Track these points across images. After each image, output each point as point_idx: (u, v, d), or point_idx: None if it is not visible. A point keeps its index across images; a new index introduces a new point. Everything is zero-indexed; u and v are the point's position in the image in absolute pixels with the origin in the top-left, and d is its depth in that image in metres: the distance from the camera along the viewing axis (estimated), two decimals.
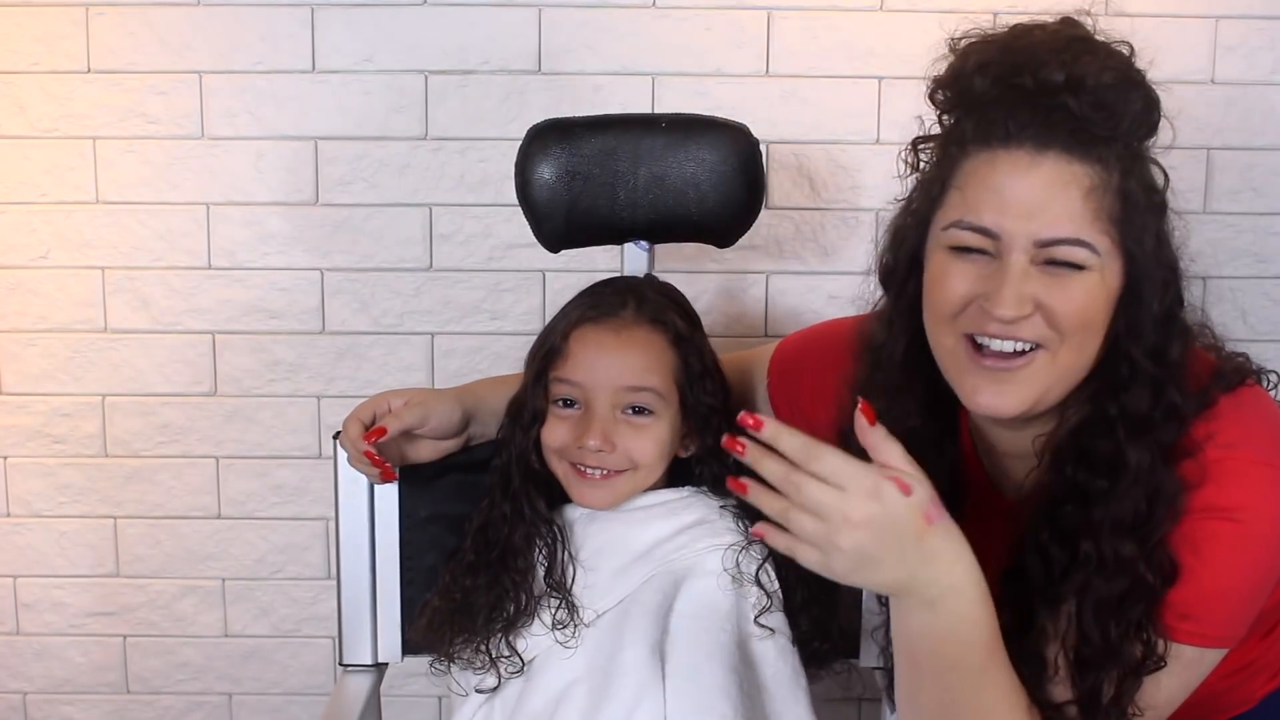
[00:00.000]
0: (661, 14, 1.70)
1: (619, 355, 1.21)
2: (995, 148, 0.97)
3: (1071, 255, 0.96)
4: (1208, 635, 1.00)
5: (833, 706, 1.29)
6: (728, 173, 1.32)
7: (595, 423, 1.19)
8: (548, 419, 1.23)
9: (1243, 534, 0.97)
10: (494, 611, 1.22)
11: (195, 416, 1.80)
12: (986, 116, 0.98)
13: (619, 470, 1.22)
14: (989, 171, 0.97)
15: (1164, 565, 0.98)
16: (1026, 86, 0.96)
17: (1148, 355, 0.99)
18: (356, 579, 1.37)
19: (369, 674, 1.38)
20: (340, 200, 1.75)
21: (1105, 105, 0.96)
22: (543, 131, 1.33)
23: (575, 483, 1.23)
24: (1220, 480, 0.98)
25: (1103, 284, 0.98)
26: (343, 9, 1.70)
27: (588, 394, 1.20)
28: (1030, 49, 0.97)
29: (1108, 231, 0.97)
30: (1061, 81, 0.95)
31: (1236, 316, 1.78)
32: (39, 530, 1.84)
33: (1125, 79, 0.98)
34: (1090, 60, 0.96)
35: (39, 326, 1.78)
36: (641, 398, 1.21)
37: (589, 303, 1.25)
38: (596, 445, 1.19)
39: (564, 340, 1.22)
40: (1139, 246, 0.98)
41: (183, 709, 1.90)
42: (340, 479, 1.35)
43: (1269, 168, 1.75)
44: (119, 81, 1.72)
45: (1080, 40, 0.99)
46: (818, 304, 1.78)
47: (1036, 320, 0.97)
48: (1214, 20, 1.71)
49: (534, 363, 1.25)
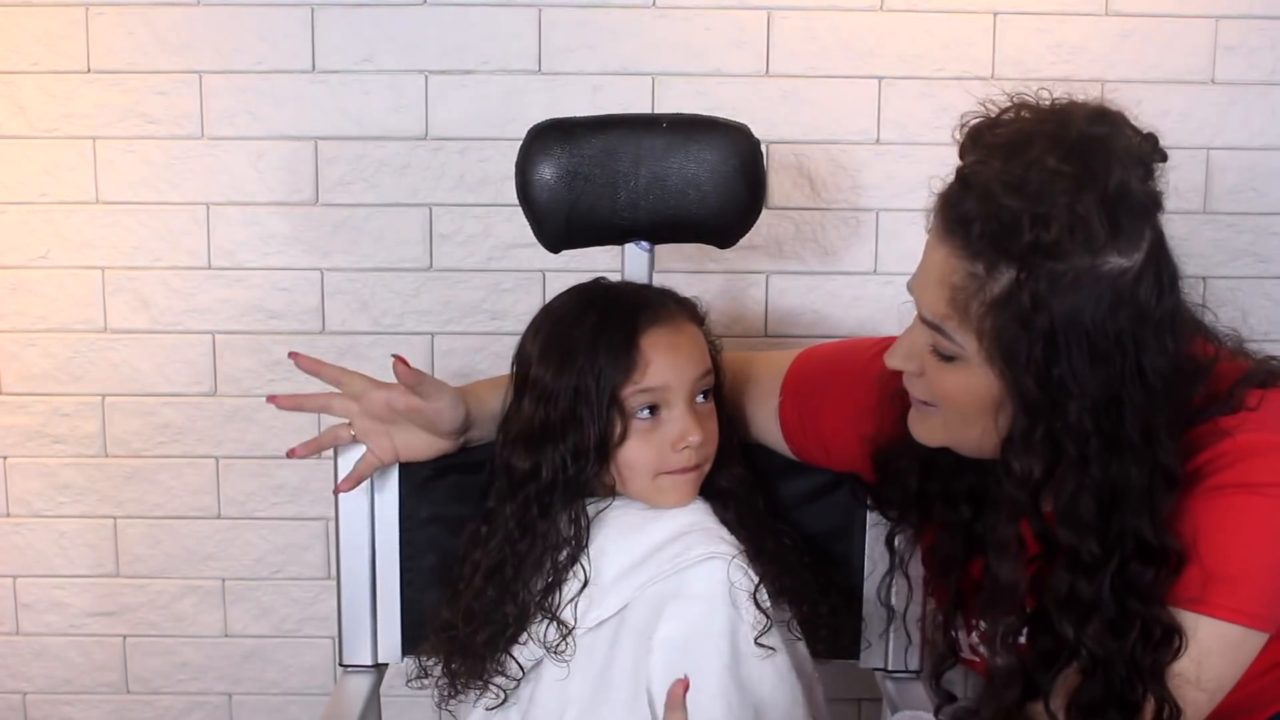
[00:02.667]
0: (661, 14, 1.70)
1: (689, 348, 1.21)
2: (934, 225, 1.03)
3: (935, 339, 1.02)
4: (1242, 611, 0.99)
5: (833, 706, 1.29)
6: (728, 173, 1.32)
7: (691, 418, 1.19)
8: (629, 441, 1.18)
9: (1273, 509, 0.98)
10: (497, 639, 1.21)
11: (195, 416, 1.80)
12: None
13: (703, 463, 1.22)
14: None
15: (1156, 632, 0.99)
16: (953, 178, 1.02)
17: (1082, 526, 0.99)
18: (356, 579, 1.37)
19: (369, 674, 1.38)
20: (340, 200, 1.75)
21: (992, 214, 0.95)
22: (543, 132, 1.33)
23: (669, 487, 1.20)
24: (1249, 460, 0.99)
25: (980, 380, 1.00)
26: (343, 9, 1.70)
27: (669, 395, 1.19)
28: (971, 136, 1.02)
29: (975, 335, 0.99)
30: (962, 181, 0.99)
31: (1236, 316, 1.76)
32: (39, 530, 1.84)
33: (1017, 190, 0.95)
34: (990, 167, 0.96)
35: (39, 326, 1.78)
36: (708, 381, 1.22)
37: (632, 313, 1.20)
38: (699, 439, 1.18)
39: (636, 351, 1.17)
40: (1017, 371, 0.97)
41: (183, 709, 1.90)
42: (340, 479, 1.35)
43: (1269, 168, 1.75)
44: (119, 81, 1.71)
45: (1015, 143, 0.97)
46: (818, 304, 1.78)
47: (922, 384, 1.05)
48: (1214, 20, 1.71)
49: (590, 387, 1.17)
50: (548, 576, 1.20)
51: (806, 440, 1.30)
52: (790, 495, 1.36)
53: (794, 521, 1.33)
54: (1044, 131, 0.96)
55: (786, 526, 1.30)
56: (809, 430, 1.30)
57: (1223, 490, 0.99)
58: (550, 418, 1.19)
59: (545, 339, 1.22)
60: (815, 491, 1.36)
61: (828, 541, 1.36)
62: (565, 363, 1.19)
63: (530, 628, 1.20)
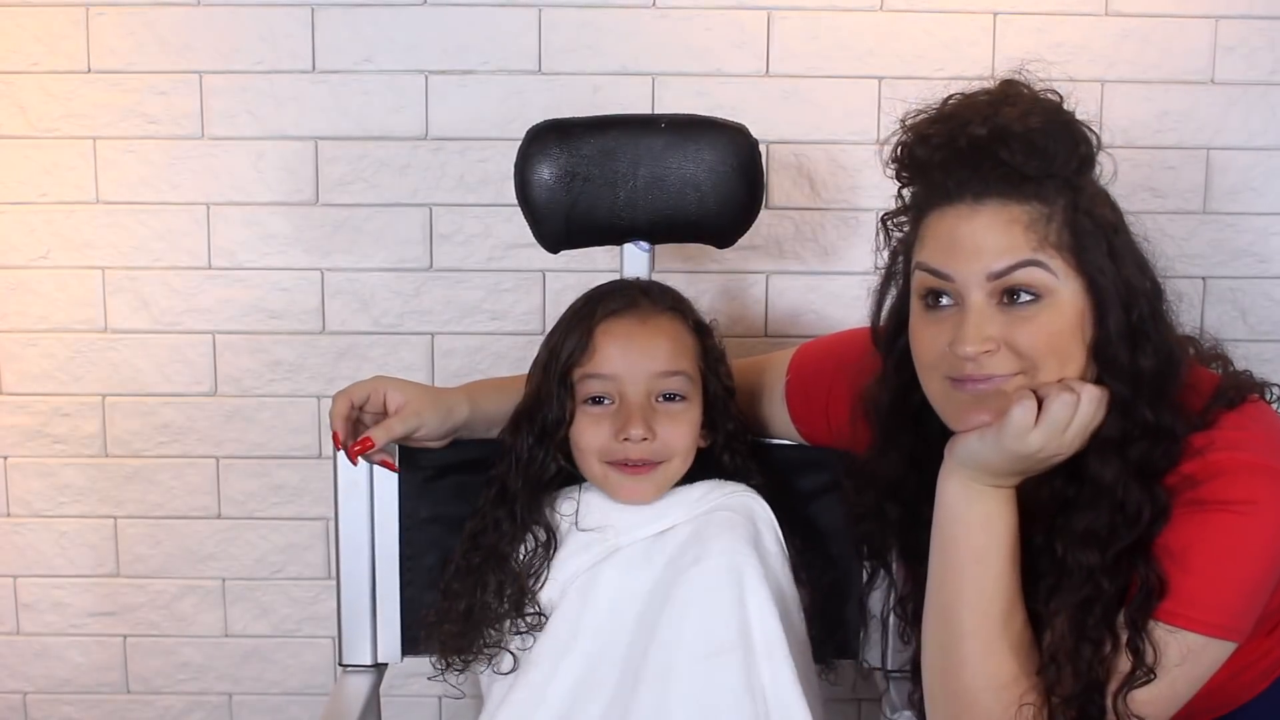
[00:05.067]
0: (661, 14, 1.70)
1: (649, 342, 1.21)
2: (943, 205, 1.05)
3: (1027, 278, 1.02)
4: (1208, 623, 1.01)
5: (833, 706, 1.29)
6: (727, 173, 1.32)
7: (635, 412, 1.19)
8: (577, 422, 1.22)
9: (1242, 525, 1.00)
10: (480, 605, 1.23)
11: (195, 416, 1.80)
12: (932, 180, 1.07)
13: (658, 461, 1.22)
14: (939, 224, 1.06)
15: (1141, 571, 1.02)
16: (960, 146, 1.04)
17: (1115, 374, 1.03)
18: (356, 579, 1.37)
19: (369, 674, 1.38)
20: (340, 200, 1.75)
21: (1034, 149, 1.02)
22: (542, 132, 1.33)
23: (618, 480, 1.22)
24: (1223, 478, 1.01)
25: (1066, 308, 1.03)
26: (343, 9, 1.70)
27: (621, 386, 1.20)
28: (958, 112, 1.06)
29: (1058, 256, 1.02)
30: (987, 134, 1.03)
31: (1236, 316, 1.78)
32: (39, 530, 1.84)
33: (1051, 121, 1.04)
34: (1011, 110, 1.03)
35: (39, 326, 1.78)
36: (673, 383, 1.22)
37: (603, 300, 1.24)
38: (641, 433, 1.19)
39: (589, 337, 1.21)
40: (1095, 268, 1.03)
41: (183, 709, 1.90)
42: (340, 479, 1.36)
43: (1269, 168, 1.75)
44: (119, 81, 1.72)
45: (1006, 96, 1.06)
46: (818, 304, 1.78)
47: (1005, 355, 1.03)
48: (1214, 20, 1.71)
49: (550, 368, 1.23)
50: (526, 548, 1.23)
51: (811, 417, 1.32)
52: (790, 495, 1.36)
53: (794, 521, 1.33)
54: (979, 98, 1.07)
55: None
56: (811, 405, 1.31)
57: (1194, 507, 1.02)
58: (530, 392, 1.26)
59: (556, 322, 1.28)
60: (815, 491, 1.36)
61: (828, 541, 1.35)
62: (546, 344, 1.26)
63: (520, 601, 1.22)
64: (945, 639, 1.08)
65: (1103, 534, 1.03)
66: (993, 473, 1.04)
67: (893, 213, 1.14)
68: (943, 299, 1.05)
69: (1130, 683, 1.02)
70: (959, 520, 1.06)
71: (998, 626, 1.05)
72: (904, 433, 1.16)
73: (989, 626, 1.05)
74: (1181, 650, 1.01)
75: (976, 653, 1.05)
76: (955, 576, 1.07)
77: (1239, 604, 1.02)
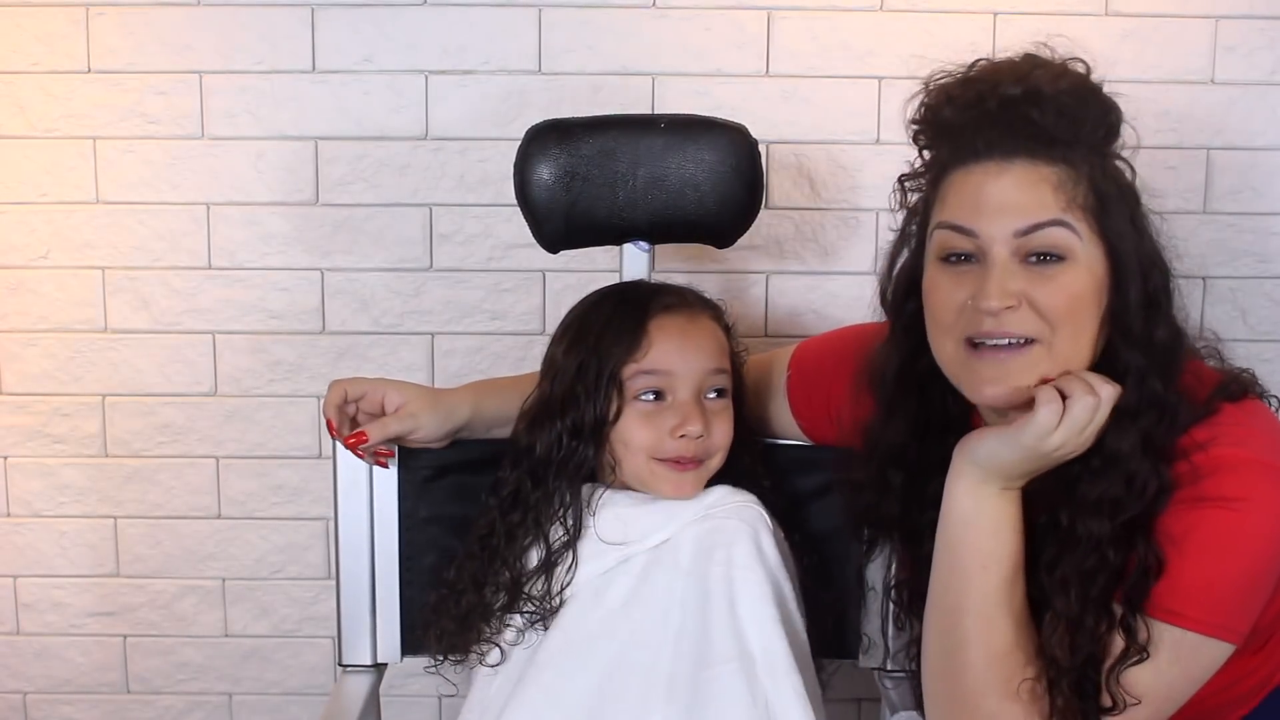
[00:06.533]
0: (661, 14, 1.70)
1: (700, 340, 1.22)
2: (970, 164, 1.05)
3: (1052, 238, 1.02)
4: (1201, 621, 1.01)
5: (833, 706, 1.29)
6: (727, 173, 1.32)
7: (693, 408, 1.19)
8: (625, 419, 1.20)
9: (1239, 523, 1.00)
10: (481, 605, 1.23)
11: (195, 416, 1.81)
12: (959, 140, 1.06)
13: (704, 458, 1.22)
14: (964, 183, 1.05)
15: (1140, 550, 1.02)
16: (990, 107, 1.04)
17: (1131, 343, 1.04)
18: (356, 579, 1.37)
19: (369, 674, 1.38)
20: (340, 200, 1.75)
21: (1065, 111, 1.03)
22: (541, 132, 1.33)
23: (666, 476, 1.21)
24: (1222, 474, 1.01)
25: (1086, 273, 1.03)
26: (343, 9, 1.70)
27: (674, 382, 1.20)
28: (989, 75, 1.07)
29: (1084, 219, 1.02)
30: (1020, 95, 1.03)
31: (1236, 316, 1.78)
32: (39, 530, 1.84)
33: (1081, 87, 1.06)
34: (1044, 74, 1.04)
35: (39, 326, 1.78)
36: (720, 379, 1.23)
37: (654, 298, 1.23)
38: (698, 430, 1.19)
39: (643, 333, 1.20)
40: (1117, 234, 1.03)
41: (183, 709, 1.90)
42: (340, 479, 1.36)
43: (1269, 168, 1.75)
44: (119, 81, 1.72)
45: (1037, 62, 1.07)
46: (818, 304, 1.78)
47: (1025, 313, 1.02)
48: (1214, 20, 1.71)
49: (588, 366, 1.20)
50: (540, 549, 1.22)
51: (812, 413, 1.32)
52: (790, 495, 1.36)
53: (794, 521, 1.33)
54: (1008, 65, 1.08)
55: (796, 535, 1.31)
56: (813, 400, 1.31)
57: (1193, 503, 1.02)
58: (554, 393, 1.23)
59: (567, 322, 1.27)
60: (815, 491, 1.36)
61: (828, 541, 1.35)
62: (576, 341, 1.23)
63: (517, 597, 1.22)
64: (948, 643, 1.07)
65: (1113, 503, 1.03)
66: (1007, 473, 1.04)
67: (911, 174, 1.14)
68: (965, 257, 1.04)
69: (1124, 660, 1.02)
70: (968, 524, 1.06)
71: (1002, 632, 1.05)
72: (909, 398, 1.15)
73: (994, 633, 1.05)
74: (1176, 648, 1.01)
75: (980, 658, 1.05)
76: (961, 581, 1.06)
77: (1234, 601, 1.02)
